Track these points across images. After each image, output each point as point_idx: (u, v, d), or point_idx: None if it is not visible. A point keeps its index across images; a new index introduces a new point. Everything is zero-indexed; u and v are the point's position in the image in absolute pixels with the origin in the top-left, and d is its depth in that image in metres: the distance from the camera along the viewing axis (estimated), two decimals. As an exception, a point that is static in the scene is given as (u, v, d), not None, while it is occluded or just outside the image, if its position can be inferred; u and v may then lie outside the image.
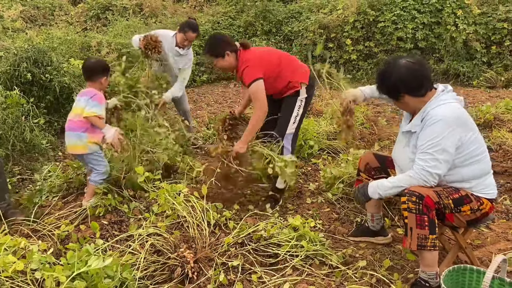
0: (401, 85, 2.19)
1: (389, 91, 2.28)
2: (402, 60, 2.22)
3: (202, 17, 9.92)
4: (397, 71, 2.20)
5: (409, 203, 2.10)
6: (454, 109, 2.15)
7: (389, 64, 2.26)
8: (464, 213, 2.19)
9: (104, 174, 3.16)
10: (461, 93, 7.62)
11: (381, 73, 2.29)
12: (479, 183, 2.21)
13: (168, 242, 2.43)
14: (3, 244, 2.12)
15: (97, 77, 3.13)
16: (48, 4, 10.87)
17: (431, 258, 2.13)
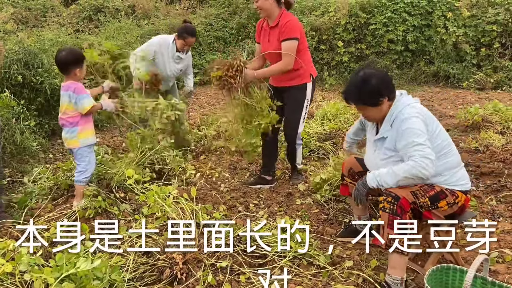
0: (383, 87, 2.26)
1: (371, 96, 2.26)
2: (368, 69, 2.34)
3: (195, 18, 9.94)
4: (375, 76, 2.26)
5: (385, 202, 2.18)
6: (417, 106, 2.31)
7: (364, 73, 2.29)
8: (441, 208, 2.26)
9: (88, 173, 3.16)
10: (451, 94, 7.72)
11: (359, 81, 2.28)
12: (452, 175, 2.30)
13: (157, 243, 2.45)
14: (-9, 247, 2.12)
15: (70, 68, 3.02)
16: (40, 5, 10.83)
17: (398, 262, 2.17)
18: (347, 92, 2.33)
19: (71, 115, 3.09)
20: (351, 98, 2.34)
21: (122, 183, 3.36)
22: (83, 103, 3.04)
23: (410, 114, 2.22)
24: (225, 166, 4.25)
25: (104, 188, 3.33)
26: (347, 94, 2.34)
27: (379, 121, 2.40)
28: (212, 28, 9.78)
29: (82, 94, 3.05)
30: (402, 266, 2.19)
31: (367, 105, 2.31)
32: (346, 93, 2.35)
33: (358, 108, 2.38)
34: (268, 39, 3.41)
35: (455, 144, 4.67)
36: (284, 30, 3.23)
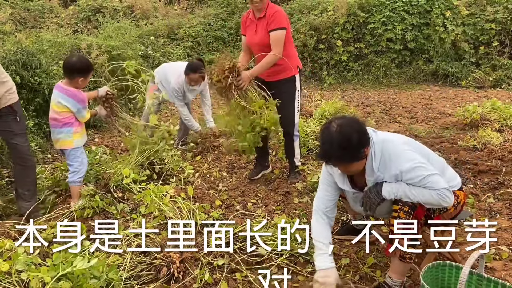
0: (364, 138, 2.05)
1: (357, 151, 2.03)
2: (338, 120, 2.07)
3: (194, 19, 9.95)
4: (352, 127, 2.02)
5: (401, 212, 2.10)
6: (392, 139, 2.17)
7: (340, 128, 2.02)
8: (449, 211, 2.25)
9: (81, 173, 3.17)
10: (450, 93, 7.73)
11: (341, 140, 1.99)
12: (444, 177, 2.21)
13: (154, 242, 2.45)
14: (-12, 246, 2.13)
15: (75, 75, 3.06)
16: (39, 6, 10.82)
17: (401, 268, 2.17)
18: (328, 154, 2.04)
19: (67, 116, 3.10)
20: (336, 160, 2.07)
21: (120, 183, 3.36)
22: (83, 114, 3.16)
23: (398, 149, 2.09)
24: (223, 166, 4.25)
25: (102, 188, 3.33)
26: (329, 156, 2.06)
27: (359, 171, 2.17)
28: (211, 28, 9.79)
29: (84, 105, 3.14)
30: (404, 272, 2.20)
31: (352, 162, 2.08)
32: (327, 155, 2.06)
33: (341, 166, 2.14)
34: (255, 30, 3.42)
35: (453, 142, 4.72)
36: (272, 20, 3.27)
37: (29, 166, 3.08)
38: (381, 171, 2.11)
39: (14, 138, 2.98)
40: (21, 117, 3.02)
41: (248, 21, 3.50)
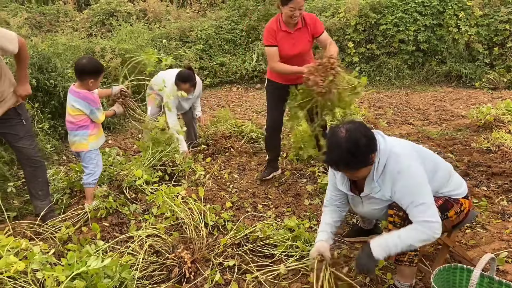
0: (372, 142, 2.02)
1: (366, 156, 2.01)
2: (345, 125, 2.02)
3: (205, 21, 10.01)
4: (361, 132, 1.99)
5: (395, 217, 2.10)
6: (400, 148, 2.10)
7: (349, 133, 1.98)
8: (450, 218, 2.21)
9: (95, 175, 3.22)
10: (464, 94, 7.63)
11: (351, 145, 1.96)
12: (446, 186, 2.22)
13: (166, 243, 2.49)
14: (6, 246, 2.19)
15: (85, 77, 3.09)
16: (54, 10, 11.02)
17: (407, 272, 2.16)
18: (337, 159, 2.01)
19: (82, 119, 3.15)
20: (344, 165, 2.04)
21: (132, 184, 3.42)
22: (97, 115, 3.18)
23: (400, 166, 2.04)
24: (234, 167, 4.28)
25: (115, 189, 3.38)
26: (337, 162, 2.02)
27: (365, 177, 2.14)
28: (222, 30, 9.84)
29: (97, 106, 3.17)
30: (411, 275, 2.20)
31: (361, 168, 2.05)
32: (335, 161, 2.02)
33: (349, 172, 2.11)
34: (293, 43, 3.42)
35: (466, 144, 4.66)
36: (315, 26, 3.46)
37: (39, 167, 3.07)
38: (379, 183, 2.09)
39: (20, 141, 2.95)
40: (26, 119, 3.01)
41: (280, 33, 3.40)
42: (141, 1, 10.79)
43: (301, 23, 3.42)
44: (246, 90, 8.56)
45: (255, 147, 4.77)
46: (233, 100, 7.75)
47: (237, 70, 8.93)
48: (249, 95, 8.10)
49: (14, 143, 2.95)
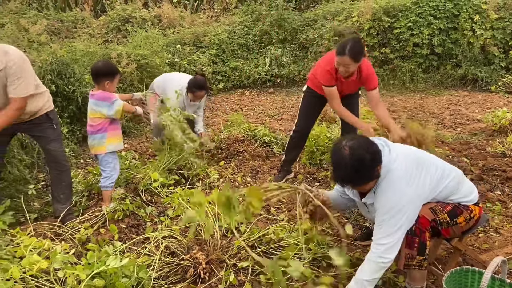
0: (377, 157, 2.04)
1: (371, 172, 2.03)
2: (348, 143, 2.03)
3: (219, 26, 10.12)
4: (364, 148, 2.01)
5: None
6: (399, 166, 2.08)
7: (352, 150, 1.99)
8: (459, 225, 2.22)
9: (112, 178, 3.30)
10: (479, 98, 7.56)
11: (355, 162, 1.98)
12: (456, 193, 2.23)
13: (181, 244, 2.55)
14: (28, 245, 2.27)
15: (101, 80, 3.19)
16: (71, 17, 11.28)
17: (418, 275, 2.18)
18: (343, 178, 2.05)
19: (100, 122, 3.25)
20: (350, 183, 2.09)
21: (148, 187, 3.50)
22: (115, 107, 3.20)
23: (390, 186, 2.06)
24: (247, 171, 4.33)
25: (132, 192, 3.47)
26: (344, 180, 2.06)
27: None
28: (235, 35, 9.93)
29: (113, 99, 3.23)
30: (422, 278, 2.21)
31: (367, 182, 2.08)
32: (342, 180, 2.06)
33: (356, 188, 2.17)
34: (346, 87, 3.50)
35: (481, 149, 4.63)
36: (370, 82, 3.42)
37: (64, 171, 3.23)
38: (375, 194, 2.11)
39: (50, 144, 3.12)
40: (57, 124, 3.17)
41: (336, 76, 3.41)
42: (156, 7, 10.97)
43: (356, 76, 3.41)
44: (259, 94, 8.62)
45: (268, 151, 4.82)
46: (246, 104, 7.82)
47: (250, 74, 9.00)
48: (262, 100, 8.16)
49: (45, 145, 3.11)
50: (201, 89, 4.25)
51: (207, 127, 5.82)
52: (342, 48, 3.16)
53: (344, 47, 3.14)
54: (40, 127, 3.07)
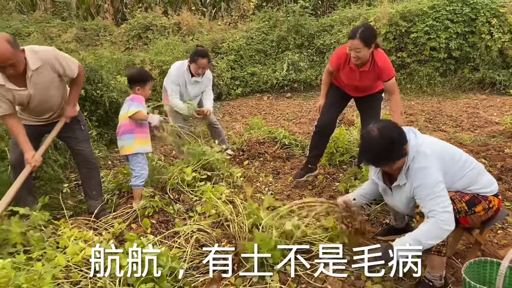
0: (402, 136, 2.22)
1: (399, 150, 2.21)
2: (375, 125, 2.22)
3: (237, 33, 10.33)
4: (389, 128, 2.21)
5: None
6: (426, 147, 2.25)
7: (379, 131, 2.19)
8: (478, 214, 2.31)
9: (143, 177, 3.47)
10: (498, 101, 7.55)
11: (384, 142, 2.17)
12: (477, 183, 2.33)
13: (211, 237, 2.69)
14: (71, 237, 2.45)
15: (133, 85, 3.48)
16: (94, 25, 11.66)
17: (436, 262, 2.26)
18: (374, 157, 2.23)
19: (127, 123, 3.44)
20: (382, 161, 2.26)
21: (175, 185, 3.67)
22: (133, 106, 3.40)
23: (423, 164, 2.20)
24: (268, 171, 4.46)
25: (160, 190, 3.64)
26: (375, 159, 2.24)
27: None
28: (253, 41, 10.11)
29: (137, 103, 3.43)
30: (441, 265, 2.29)
31: (396, 160, 2.24)
32: (372, 159, 2.24)
33: (387, 167, 2.31)
34: (359, 78, 3.50)
35: (500, 150, 4.68)
36: (385, 73, 3.38)
37: (94, 169, 3.42)
38: (406, 176, 2.26)
39: (79, 144, 3.31)
40: (84, 125, 3.38)
41: (346, 67, 3.49)
42: (175, 15, 11.25)
43: (369, 66, 3.39)
44: (277, 99, 8.76)
45: (288, 152, 4.95)
46: (264, 109, 7.97)
47: (267, 79, 9.16)
48: (279, 104, 8.30)
49: (74, 146, 3.30)
50: (203, 56, 4.21)
51: (227, 130, 6.00)
52: (353, 32, 3.25)
53: (356, 31, 3.21)
54: (69, 129, 3.25)
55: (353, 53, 3.27)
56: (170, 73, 4.40)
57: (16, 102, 2.88)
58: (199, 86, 4.45)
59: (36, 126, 3.15)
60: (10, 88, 2.79)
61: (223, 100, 8.69)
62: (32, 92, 2.87)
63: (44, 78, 2.88)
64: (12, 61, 2.64)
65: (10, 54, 2.60)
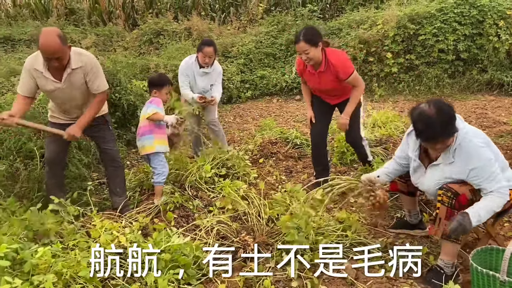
0: (453, 112, 2.33)
1: (453, 126, 2.32)
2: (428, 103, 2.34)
3: (246, 37, 10.51)
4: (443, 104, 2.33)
5: (444, 196, 2.37)
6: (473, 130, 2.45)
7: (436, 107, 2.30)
8: None
9: (164, 175, 3.63)
10: (506, 102, 7.63)
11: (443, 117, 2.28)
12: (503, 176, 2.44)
13: (231, 229, 2.86)
14: (102, 228, 2.63)
15: (151, 88, 3.73)
16: (107, 31, 11.94)
17: (451, 249, 2.39)
18: (437, 133, 2.30)
19: (146, 124, 3.63)
20: (442, 136, 2.32)
21: (193, 183, 3.84)
22: (150, 110, 3.58)
23: (477, 145, 2.34)
24: (281, 170, 4.62)
25: (179, 188, 3.82)
26: (435, 135, 2.31)
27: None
28: (262, 45, 10.29)
29: (154, 105, 3.62)
30: (455, 253, 2.42)
31: (449, 137, 2.34)
32: (435, 135, 2.31)
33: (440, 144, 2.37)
34: (319, 81, 3.55)
35: (508, 149, 4.80)
36: (341, 71, 3.38)
37: (119, 167, 3.60)
38: (454, 155, 2.39)
39: (106, 143, 3.49)
40: (111, 125, 3.58)
41: (306, 71, 3.56)
42: (186, 20, 11.48)
43: (324, 66, 3.41)
44: (286, 101, 8.92)
45: (300, 152, 5.10)
46: (274, 111, 8.13)
47: (277, 82, 9.32)
48: (289, 106, 8.45)
49: (102, 145, 3.48)
50: (209, 45, 4.30)
51: (239, 132, 6.17)
52: (296, 37, 3.34)
53: (298, 35, 3.32)
54: (98, 128, 3.43)
55: (303, 56, 3.36)
56: (180, 66, 4.53)
57: (43, 89, 3.09)
58: (208, 78, 4.49)
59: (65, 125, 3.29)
60: (47, 77, 2.99)
61: (233, 103, 8.87)
62: (64, 87, 3.06)
63: (78, 79, 3.07)
64: (59, 54, 2.83)
65: (58, 48, 2.79)
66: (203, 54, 4.32)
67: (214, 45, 4.39)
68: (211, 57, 4.35)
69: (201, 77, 4.46)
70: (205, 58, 4.33)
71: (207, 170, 3.71)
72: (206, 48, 4.30)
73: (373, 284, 2.35)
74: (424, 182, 2.59)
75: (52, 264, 2.27)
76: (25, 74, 3.06)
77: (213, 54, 4.35)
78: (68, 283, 2.21)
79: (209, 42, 4.41)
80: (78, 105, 3.27)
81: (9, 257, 2.22)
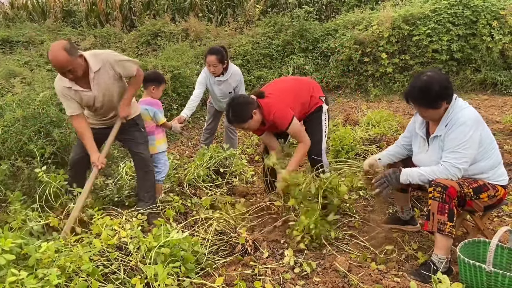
0: (444, 92, 2.45)
1: (433, 100, 2.45)
2: (432, 72, 2.50)
3: (243, 38, 10.60)
4: (438, 81, 2.44)
5: (435, 192, 2.45)
6: (472, 111, 2.52)
7: (427, 77, 2.46)
8: (482, 199, 2.53)
9: (164, 172, 3.70)
10: (499, 101, 7.75)
11: (423, 85, 2.44)
12: (494, 173, 2.56)
13: (229, 224, 2.94)
14: (103, 224, 2.71)
15: (148, 84, 3.63)
16: (104, 33, 12.00)
17: (445, 243, 2.45)
18: (410, 93, 2.51)
19: (149, 125, 3.69)
20: (413, 100, 2.52)
21: (192, 181, 3.92)
22: (159, 117, 3.66)
23: (464, 119, 2.44)
24: (278, 169, 4.70)
25: (178, 186, 3.90)
26: (410, 96, 2.52)
27: (435, 121, 2.59)
28: (259, 46, 10.38)
29: (159, 109, 3.68)
30: (447, 247, 2.48)
31: (427, 108, 2.50)
32: (408, 95, 2.52)
33: (418, 108, 2.57)
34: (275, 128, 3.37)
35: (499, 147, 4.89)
36: (279, 123, 3.20)
37: (150, 171, 3.46)
38: (446, 128, 2.49)
39: (138, 146, 3.39)
40: (143, 128, 3.49)
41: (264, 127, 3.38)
42: (183, 22, 11.56)
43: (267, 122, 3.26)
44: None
45: (296, 151, 5.18)
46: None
47: (274, 83, 9.40)
48: (286, 106, 8.52)
49: (133, 148, 3.41)
50: (211, 53, 4.21)
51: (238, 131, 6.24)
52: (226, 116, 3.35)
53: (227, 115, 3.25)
54: (129, 131, 3.36)
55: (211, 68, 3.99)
56: (200, 79, 4.44)
57: (84, 103, 3.09)
58: (224, 86, 4.39)
59: (102, 129, 3.33)
60: (77, 89, 3.01)
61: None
62: (96, 92, 3.07)
63: (105, 77, 3.06)
64: (70, 67, 2.80)
65: (66, 62, 2.76)
66: (207, 63, 4.27)
67: (218, 53, 4.22)
68: (215, 66, 4.23)
69: (216, 86, 4.40)
70: (209, 67, 4.27)
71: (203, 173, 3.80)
72: (209, 57, 4.22)
73: (364, 276, 2.43)
74: (426, 157, 2.66)
75: (55, 259, 2.34)
76: (62, 99, 3.07)
77: (217, 62, 4.21)
78: (71, 277, 2.28)
79: (211, 51, 4.28)
80: (114, 104, 3.26)
81: (14, 252, 2.29)
